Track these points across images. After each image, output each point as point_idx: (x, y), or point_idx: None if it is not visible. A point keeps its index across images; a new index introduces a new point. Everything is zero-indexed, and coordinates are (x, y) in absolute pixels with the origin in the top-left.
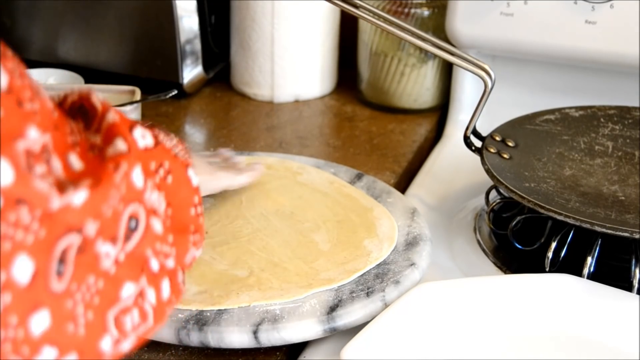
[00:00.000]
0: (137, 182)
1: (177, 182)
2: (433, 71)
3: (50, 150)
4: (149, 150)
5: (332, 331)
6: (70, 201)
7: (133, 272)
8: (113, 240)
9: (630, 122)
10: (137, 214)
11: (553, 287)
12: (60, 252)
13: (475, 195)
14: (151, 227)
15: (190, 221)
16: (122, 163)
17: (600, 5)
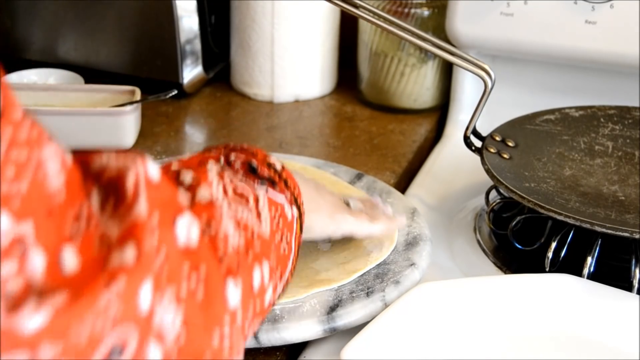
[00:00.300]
0: (142, 304)
1: (208, 296)
2: (433, 71)
3: (29, 242)
4: (188, 249)
5: (332, 331)
6: (17, 326)
7: None
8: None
9: (630, 122)
10: (125, 341)
11: (553, 287)
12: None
13: (475, 195)
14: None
15: (207, 348)
16: (119, 278)
17: (600, 5)
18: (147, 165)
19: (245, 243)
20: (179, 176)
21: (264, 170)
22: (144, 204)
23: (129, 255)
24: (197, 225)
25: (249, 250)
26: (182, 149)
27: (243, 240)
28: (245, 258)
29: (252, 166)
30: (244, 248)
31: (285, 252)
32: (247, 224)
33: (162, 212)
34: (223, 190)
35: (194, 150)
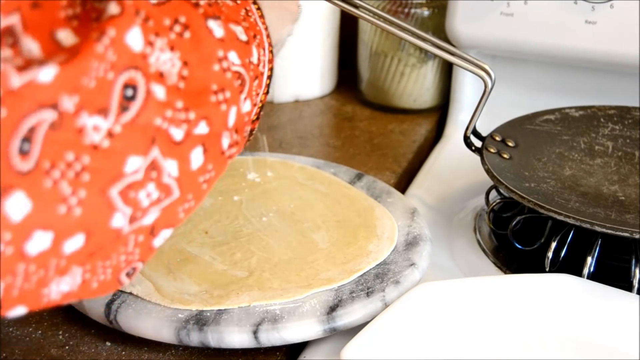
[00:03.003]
0: (133, 46)
1: (195, 37)
2: (433, 71)
3: (18, 32)
4: (162, 5)
5: (332, 331)
6: (33, 78)
7: (137, 144)
8: (102, 113)
9: (630, 122)
10: (135, 81)
11: (553, 287)
12: (26, 130)
13: (475, 195)
14: (153, 94)
15: (211, 79)
16: (108, 29)
17: (600, 5)
18: None
19: (212, 2)
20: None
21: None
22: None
23: (112, 9)
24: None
25: (220, 9)
26: None
27: None
28: (218, 12)
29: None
30: (214, 5)
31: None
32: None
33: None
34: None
35: None
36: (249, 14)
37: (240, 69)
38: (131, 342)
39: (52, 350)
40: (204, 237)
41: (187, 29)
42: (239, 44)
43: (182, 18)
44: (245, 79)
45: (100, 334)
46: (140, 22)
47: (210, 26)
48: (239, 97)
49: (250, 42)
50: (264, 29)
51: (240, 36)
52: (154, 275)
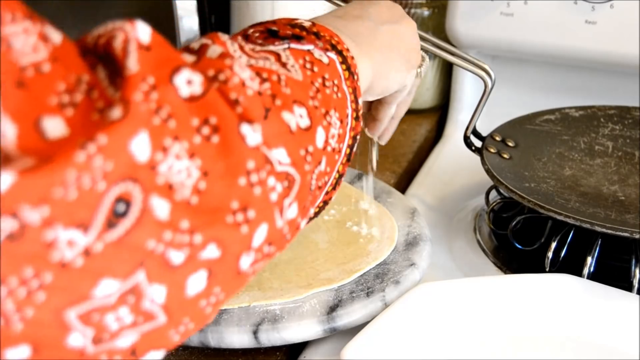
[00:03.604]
0: (137, 154)
1: (224, 143)
2: (433, 71)
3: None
4: (193, 102)
5: (332, 331)
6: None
7: (118, 266)
8: (82, 227)
9: (630, 122)
10: (129, 195)
11: (553, 287)
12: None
13: (475, 195)
14: (151, 211)
15: (233, 195)
16: (99, 137)
17: (600, 5)
18: (136, 26)
19: (271, 87)
20: (188, 46)
21: (286, 31)
22: (133, 62)
23: (115, 114)
24: (199, 76)
25: (277, 93)
26: None
27: (268, 85)
28: (272, 100)
29: (271, 30)
30: (270, 91)
31: (338, 96)
32: (271, 70)
33: (156, 70)
34: (239, 47)
35: None
36: (327, 82)
37: (289, 168)
38: None
39: None
40: None
41: (217, 133)
42: (292, 136)
43: (213, 119)
44: (295, 179)
45: None
46: (158, 122)
47: (243, 132)
48: (272, 210)
49: (315, 124)
50: (350, 93)
51: (300, 122)
52: None
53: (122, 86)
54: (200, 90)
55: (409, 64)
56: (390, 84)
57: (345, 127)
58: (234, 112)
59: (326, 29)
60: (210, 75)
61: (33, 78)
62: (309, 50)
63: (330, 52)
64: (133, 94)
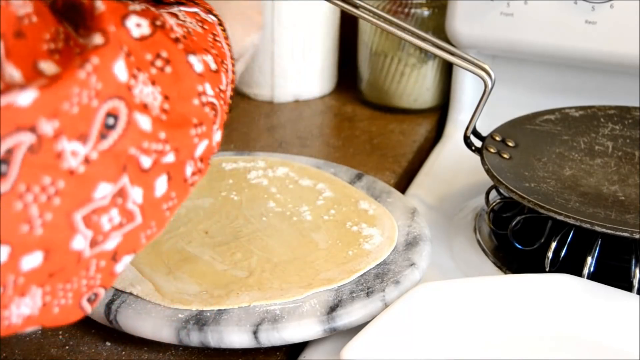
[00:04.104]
0: (119, 76)
1: (176, 72)
2: (433, 71)
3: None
4: (144, 40)
5: (332, 331)
6: (13, 101)
7: (109, 171)
8: (82, 139)
9: (630, 122)
10: (117, 110)
11: (553, 287)
12: (4, 151)
13: (475, 195)
14: (135, 124)
15: (192, 113)
16: (92, 57)
17: (600, 5)
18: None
19: (186, 34)
20: None
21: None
22: (99, 3)
23: (97, 40)
24: (146, 20)
25: (193, 40)
26: None
27: (183, 32)
28: (192, 44)
29: None
30: (189, 37)
31: (223, 49)
32: (181, 23)
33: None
34: (146, 7)
35: None
36: (216, 39)
37: (213, 99)
38: (131, 342)
39: (52, 350)
40: (204, 237)
41: (169, 64)
42: (211, 74)
43: (163, 53)
44: (217, 109)
45: (100, 334)
46: (124, 55)
47: (191, 61)
48: (212, 129)
49: (220, 70)
50: (228, 50)
51: (212, 65)
52: (154, 275)
53: (96, 21)
54: (149, 31)
55: (257, 26)
56: (246, 45)
57: (229, 76)
58: (177, 47)
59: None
60: (149, 19)
61: (27, 27)
62: (196, 12)
63: (210, 15)
64: (108, 25)
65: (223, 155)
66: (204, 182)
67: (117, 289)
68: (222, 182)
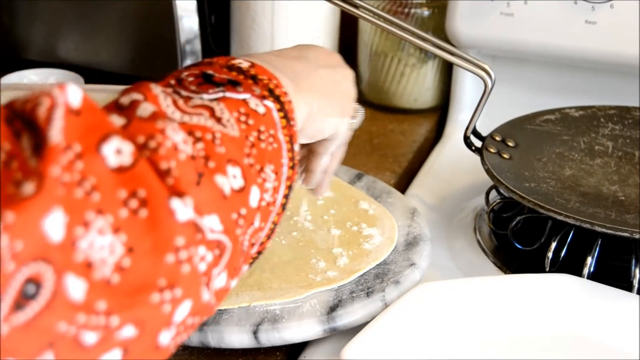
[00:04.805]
0: (50, 234)
1: (152, 218)
2: (433, 71)
3: None
4: (121, 173)
5: (332, 331)
6: None
7: (25, 347)
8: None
9: (630, 122)
10: (40, 277)
11: (553, 287)
12: None
13: (475, 195)
14: (64, 295)
15: (160, 273)
16: (6, 214)
17: (600, 5)
18: (66, 91)
19: (205, 147)
20: (117, 102)
21: (222, 75)
22: (56, 131)
23: (27, 189)
24: (130, 145)
25: (211, 154)
26: None
27: (202, 145)
28: (205, 162)
29: (206, 74)
30: (204, 152)
31: (273, 147)
32: (205, 127)
33: (84, 138)
34: (172, 102)
35: None
36: (262, 136)
37: (220, 236)
38: None
39: None
40: None
41: (145, 206)
42: (225, 201)
43: (141, 191)
44: (226, 246)
45: None
46: (81, 194)
47: (173, 207)
48: (199, 284)
49: (248, 185)
50: (287, 141)
51: (234, 185)
52: None
53: (41, 158)
54: (130, 160)
55: (343, 111)
56: (323, 128)
57: (280, 177)
58: (164, 184)
59: (264, 70)
60: (140, 142)
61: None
62: (244, 100)
63: (267, 99)
64: (50, 167)
65: None
66: None
67: None
68: None
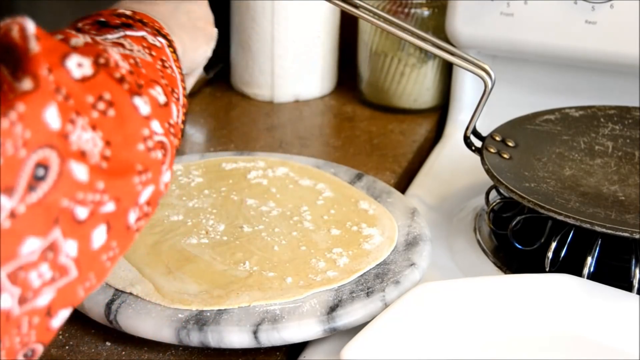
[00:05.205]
0: (50, 123)
1: (119, 116)
2: (433, 71)
3: None
4: (86, 81)
5: (332, 331)
6: None
7: (39, 225)
8: (8, 192)
9: (630, 122)
10: (48, 161)
11: (553, 287)
12: None
13: (475, 195)
14: (69, 174)
15: (136, 159)
16: (17, 104)
17: (600, 5)
18: (24, 20)
19: (133, 67)
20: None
21: (115, 21)
22: (34, 43)
23: (26, 85)
24: (88, 59)
25: (139, 73)
26: (182, 149)
27: (129, 65)
28: (138, 78)
29: (100, 21)
30: (135, 71)
31: (174, 75)
32: (127, 54)
33: (48, 57)
34: (91, 39)
35: (195, 151)
36: (166, 64)
37: (162, 138)
38: (131, 342)
39: (52, 350)
40: (204, 237)
41: (112, 107)
42: (160, 110)
43: (106, 95)
44: (167, 147)
45: (100, 334)
46: (60, 99)
47: (135, 103)
48: (160, 173)
49: (170, 101)
50: (179, 72)
51: (160, 99)
52: (154, 275)
53: (28, 64)
54: (91, 71)
55: (208, 37)
56: (197, 59)
57: (179, 102)
58: (122, 88)
59: (146, 16)
60: (92, 58)
61: None
62: (143, 37)
63: (158, 36)
64: (40, 69)
65: (223, 155)
66: (204, 182)
67: (117, 289)
68: (222, 182)
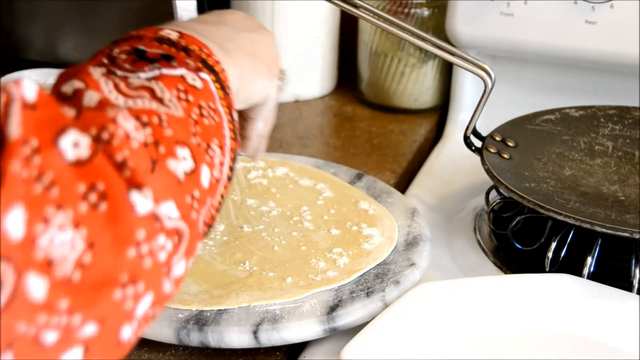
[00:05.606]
0: (11, 232)
1: (113, 212)
2: (433, 71)
3: None
4: (79, 166)
5: (332, 331)
6: None
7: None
8: None
9: (630, 122)
10: (0, 278)
11: (553, 287)
12: None
13: (475, 195)
14: (25, 295)
15: (121, 268)
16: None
17: (600, 5)
18: (21, 86)
19: (153, 132)
20: (60, 90)
21: (153, 49)
22: (14, 126)
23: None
24: (86, 138)
25: (160, 138)
26: None
27: (150, 130)
28: (156, 148)
29: (138, 50)
30: (152, 137)
31: (215, 120)
32: (150, 111)
33: (40, 132)
34: (114, 87)
35: None
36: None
37: (178, 223)
38: None
39: None
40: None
41: (104, 200)
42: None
43: (100, 185)
44: (183, 233)
45: None
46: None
47: (132, 200)
48: (161, 277)
49: (198, 166)
50: (226, 112)
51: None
52: None
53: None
54: (87, 153)
55: (271, 73)
56: (254, 91)
57: (224, 151)
58: (121, 177)
59: (194, 40)
60: (93, 134)
61: None
62: (181, 76)
63: (202, 71)
64: (10, 163)
65: None
66: None
67: None
68: None
